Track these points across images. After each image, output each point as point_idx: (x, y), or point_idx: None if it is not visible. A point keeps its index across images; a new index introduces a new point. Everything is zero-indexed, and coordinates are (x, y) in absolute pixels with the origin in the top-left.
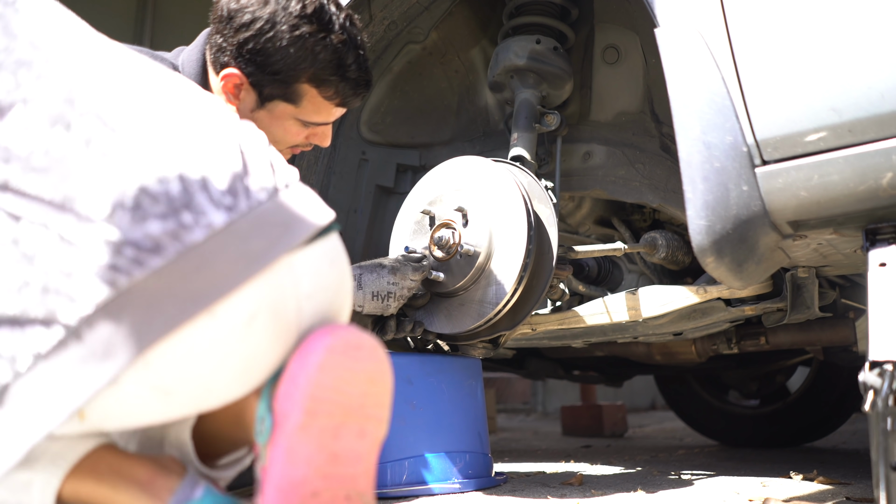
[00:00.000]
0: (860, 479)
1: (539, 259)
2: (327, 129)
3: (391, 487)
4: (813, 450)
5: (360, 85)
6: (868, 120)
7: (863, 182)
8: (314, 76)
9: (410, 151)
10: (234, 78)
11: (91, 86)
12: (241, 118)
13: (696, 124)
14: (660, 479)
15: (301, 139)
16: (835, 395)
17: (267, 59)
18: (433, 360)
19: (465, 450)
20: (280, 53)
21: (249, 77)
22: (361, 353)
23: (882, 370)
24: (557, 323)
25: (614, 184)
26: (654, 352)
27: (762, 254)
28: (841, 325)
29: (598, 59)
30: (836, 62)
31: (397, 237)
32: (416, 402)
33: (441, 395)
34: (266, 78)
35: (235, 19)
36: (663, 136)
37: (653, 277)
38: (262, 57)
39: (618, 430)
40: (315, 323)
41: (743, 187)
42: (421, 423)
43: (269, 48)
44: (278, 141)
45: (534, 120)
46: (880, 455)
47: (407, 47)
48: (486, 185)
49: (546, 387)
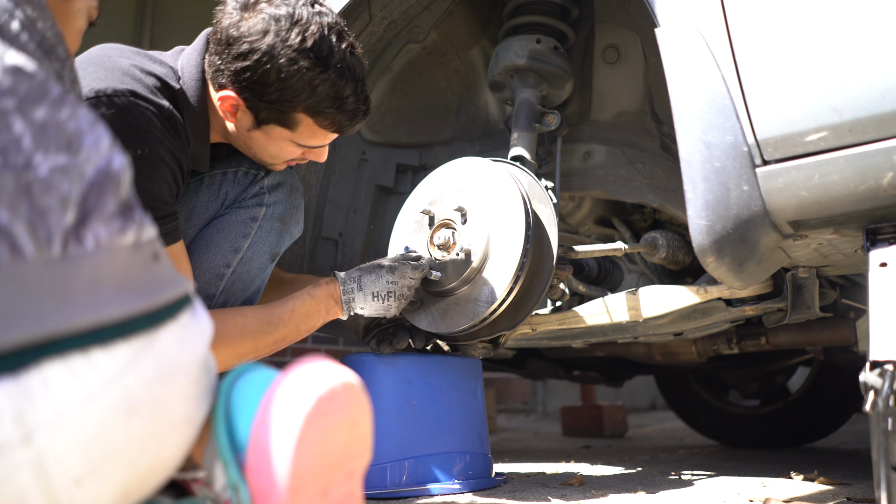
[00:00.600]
0: (861, 480)
1: (539, 259)
2: (324, 148)
3: (391, 488)
4: (813, 450)
5: (357, 115)
6: (868, 120)
7: (863, 182)
8: (310, 107)
9: (410, 151)
10: (231, 100)
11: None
12: (238, 137)
13: (696, 124)
14: (660, 479)
15: (297, 156)
16: (835, 395)
17: (264, 89)
18: (433, 360)
19: (465, 450)
20: (277, 85)
21: (246, 101)
22: (338, 402)
23: (882, 370)
24: (558, 323)
25: (614, 184)
26: (655, 352)
27: (763, 254)
28: (841, 325)
29: (598, 59)
30: (836, 62)
31: (397, 237)
32: (415, 402)
33: (441, 395)
34: (262, 105)
35: (234, 47)
36: (664, 135)
37: (653, 277)
38: (260, 86)
39: (618, 431)
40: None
41: (743, 187)
42: (421, 424)
43: (266, 80)
44: (273, 157)
45: (534, 120)
46: (881, 455)
47: (407, 47)
48: (485, 185)
49: (546, 387)
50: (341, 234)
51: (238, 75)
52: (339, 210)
